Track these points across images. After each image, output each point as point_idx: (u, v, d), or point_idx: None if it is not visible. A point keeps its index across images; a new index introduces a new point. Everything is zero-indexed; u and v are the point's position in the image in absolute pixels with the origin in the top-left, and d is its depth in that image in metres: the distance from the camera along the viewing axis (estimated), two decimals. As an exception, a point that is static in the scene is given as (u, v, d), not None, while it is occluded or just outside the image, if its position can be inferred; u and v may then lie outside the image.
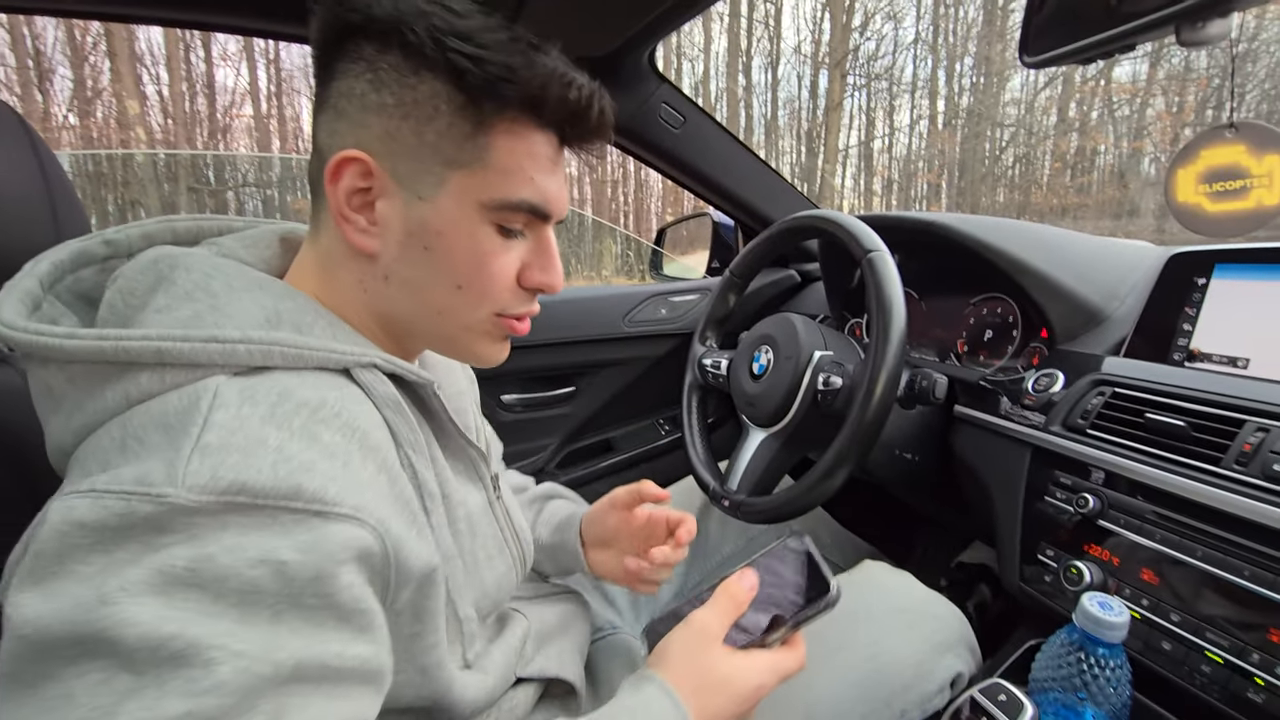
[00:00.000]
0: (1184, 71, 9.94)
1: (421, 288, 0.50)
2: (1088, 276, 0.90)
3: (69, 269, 0.49)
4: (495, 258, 0.50)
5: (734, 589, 0.54)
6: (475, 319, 0.52)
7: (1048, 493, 0.78)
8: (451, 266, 0.49)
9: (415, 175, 0.47)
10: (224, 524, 0.35)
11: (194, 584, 0.34)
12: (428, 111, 0.46)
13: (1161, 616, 0.64)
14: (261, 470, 0.36)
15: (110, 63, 9.29)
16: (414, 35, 0.44)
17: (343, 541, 0.38)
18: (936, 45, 12.49)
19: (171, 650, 0.32)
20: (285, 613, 0.36)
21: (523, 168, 0.48)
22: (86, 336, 0.40)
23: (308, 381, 0.43)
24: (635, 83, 1.21)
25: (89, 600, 0.32)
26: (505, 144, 0.47)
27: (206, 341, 0.40)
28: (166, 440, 0.37)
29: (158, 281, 0.45)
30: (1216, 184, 0.56)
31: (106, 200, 7.56)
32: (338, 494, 0.39)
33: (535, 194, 0.49)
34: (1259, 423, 0.63)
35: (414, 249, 0.49)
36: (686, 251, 1.88)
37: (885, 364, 0.76)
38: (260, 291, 0.46)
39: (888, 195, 13.25)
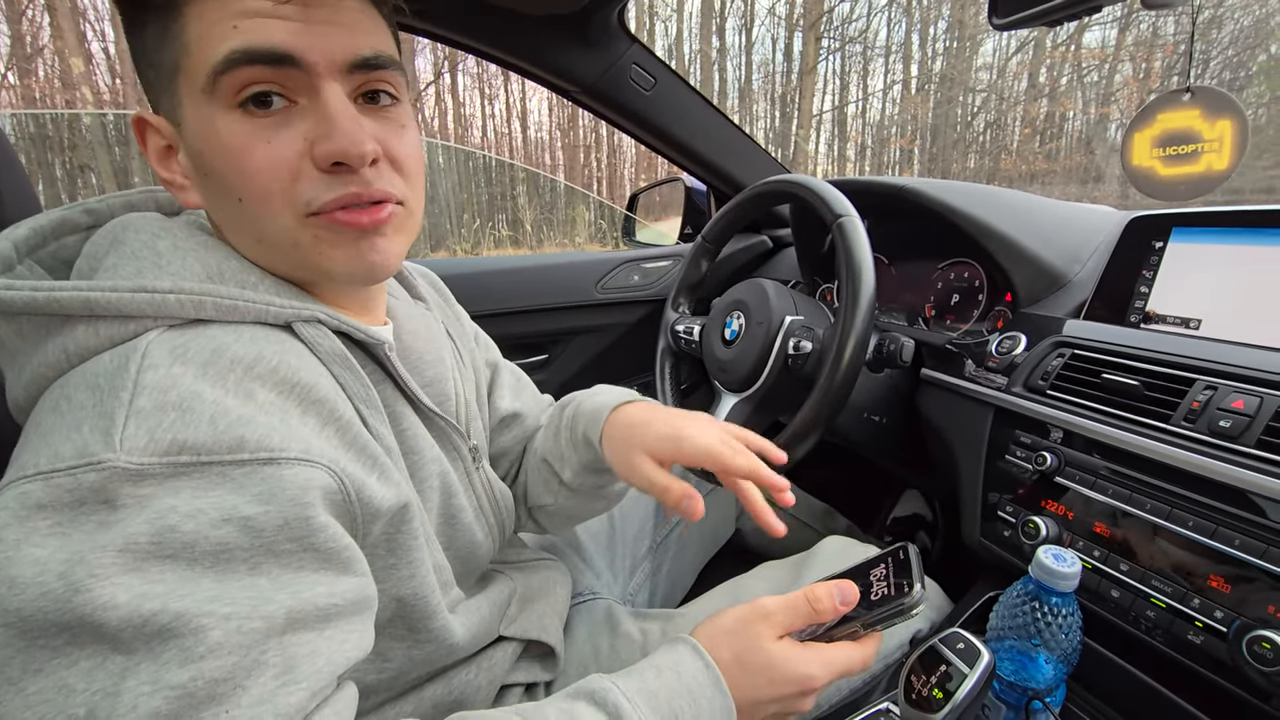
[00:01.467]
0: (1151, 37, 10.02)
1: (229, 221, 0.46)
2: (1051, 241, 0.92)
3: (51, 236, 0.48)
4: (249, 146, 0.42)
5: (818, 596, 0.49)
6: (284, 230, 0.44)
7: (1008, 452, 0.80)
8: (222, 180, 0.43)
9: (169, 107, 0.44)
10: (174, 489, 0.35)
11: (164, 556, 0.34)
12: (140, 37, 0.43)
13: (1111, 567, 0.67)
14: (199, 426, 0.36)
15: (50, 17, 8.76)
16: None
17: (301, 484, 0.38)
18: (910, 8, 12.38)
19: (158, 625, 0.32)
20: (263, 564, 0.36)
21: (223, 23, 0.41)
22: (23, 289, 0.40)
23: (244, 336, 0.42)
24: (605, 42, 1.18)
25: (60, 590, 0.32)
26: (198, 14, 0.41)
27: (135, 291, 0.40)
28: (95, 402, 0.36)
29: (113, 243, 0.44)
30: (1170, 148, 0.57)
31: (54, 165, 7.21)
32: (282, 441, 0.38)
33: (245, 40, 0.40)
34: (1207, 381, 0.65)
35: (201, 182, 0.45)
36: (659, 217, 1.86)
37: (854, 328, 0.77)
38: (206, 251, 0.45)
39: (861, 161, 13.25)
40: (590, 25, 1.13)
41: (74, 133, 7.49)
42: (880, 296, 1.18)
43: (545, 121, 12.87)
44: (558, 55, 1.17)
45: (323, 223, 0.45)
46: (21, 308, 0.40)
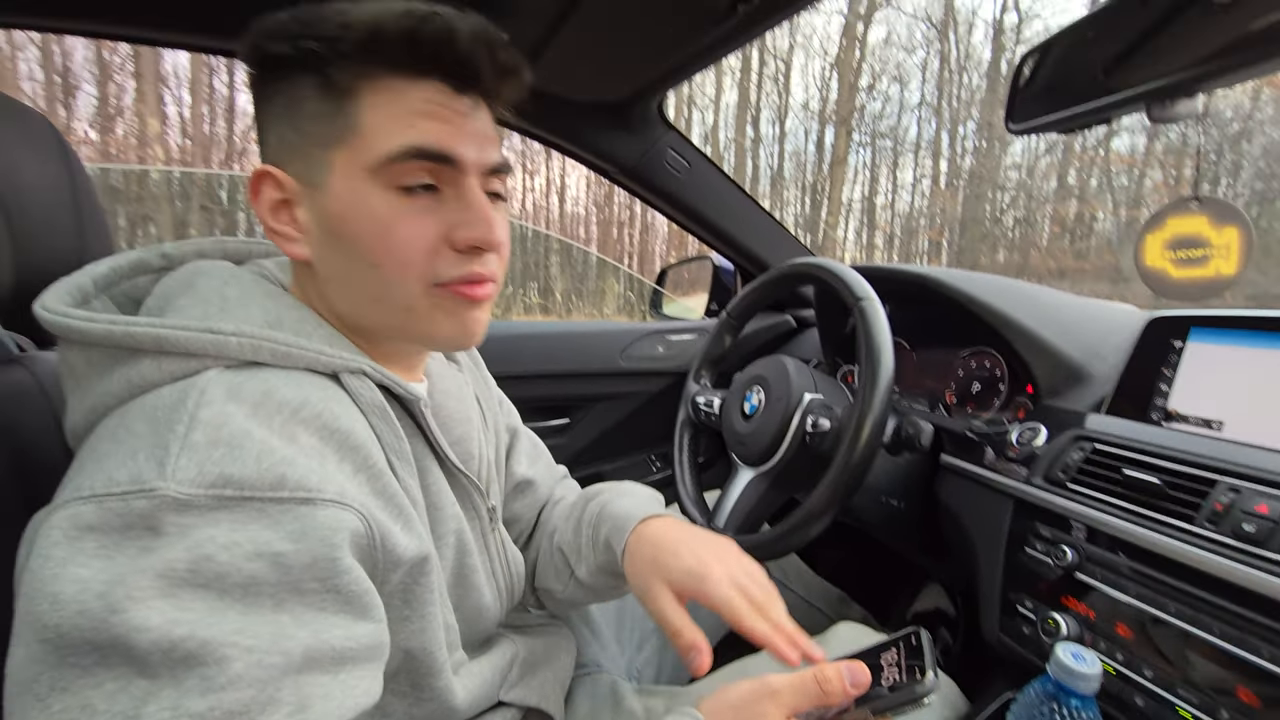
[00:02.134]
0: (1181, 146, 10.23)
1: (348, 280, 0.50)
2: (1071, 335, 0.93)
3: (127, 275, 0.53)
4: (400, 222, 0.47)
5: (828, 677, 0.47)
6: (408, 296, 0.49)
7: (1028, 544, 0.79)
8: (361, 247, 0.48)
9: (309, 169, 0.48)
10: (215, 520, 0.36)
11: (198, 584, 0.35)
12: (298, 105, 0.47)
13: (1135, 671, 0.64)
14: (246, 463, 0.38)
15: (135, 83, 9.53)
16: (272, 43, 0.46)
17: (332, 525, 0.40)
18: (940, 108, 12.87)
19: (185, 651, 0.34)
20: (287, 600, 0.38)
21: (399, 119, 0.46)
22: (102, 321, 0.43)
23: (293, 381, 0.44)
24: (645, 128, 1.26)
25: (98, 609, 0.33)
26: (372, 103, 0.46)
27: (201, 331, 0.43)
28: (152, 433, 0.39)
29: (185, 287, 0.48)
30: (1181, 251, 0.59)
31: (119, 215, 7.66)
32: (319, 483, 0.40)
33: (420, 137, 0.46)
34: (1230, 483, 0.64)
35: (329, 242, 0.49)
36: (687, 293, 1.91)
37: (872, 408, 0.77)
38: (269, 300, 0.49)
39: (889, 250, 13.46)
40: (632, 112, 1.21)
41: (141, 186, 7.99)
42: (900, 380, 1.19)
43: (582, 197, 13.40)
44: (600, 138, 1.24)
45: (446, 293, 0.50)
46: (98, 339, 0.43)
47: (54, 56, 9.05)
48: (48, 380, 0.64)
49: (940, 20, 12.52)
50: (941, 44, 12.63)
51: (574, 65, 1.04)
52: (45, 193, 0.60)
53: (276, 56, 0.46)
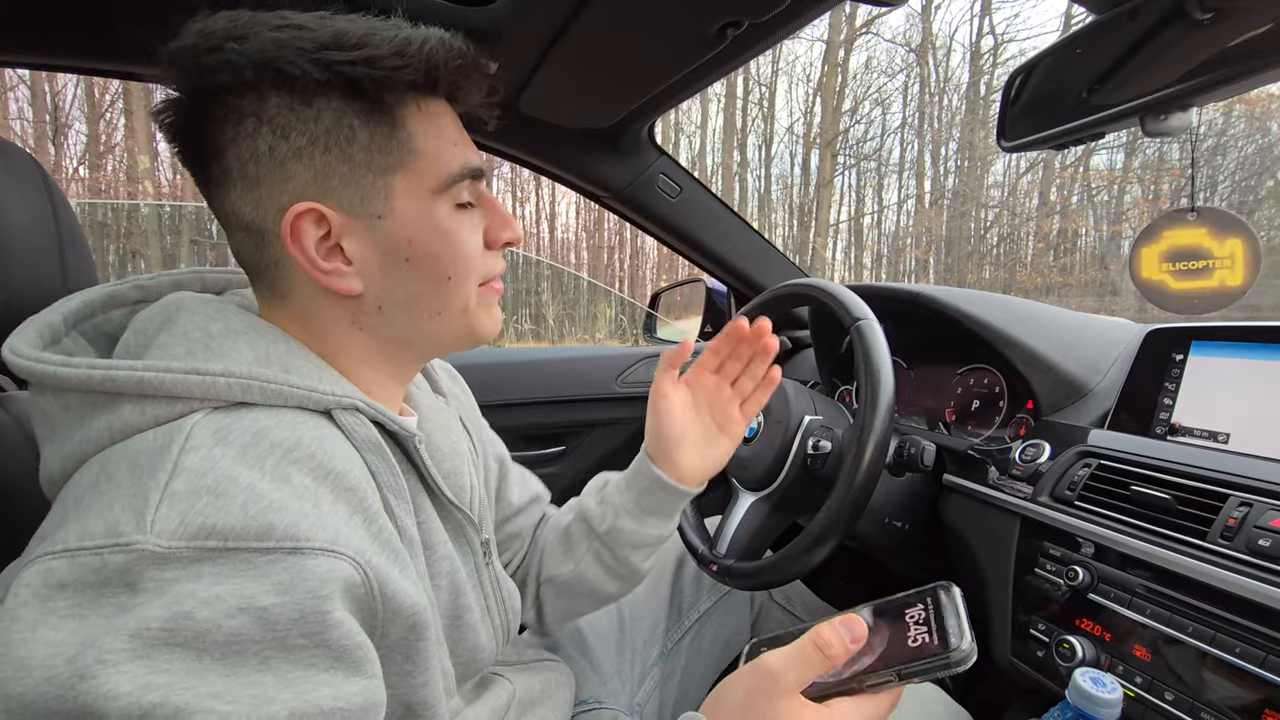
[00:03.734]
0: (1158, 162, 10.43)
1: (416, 299, 0.51)
2: (1070, 350, 0.92)
3: (99, 309, 0.50)
4: (464, 234, 0.51)
5: (827, 640, 0.43)
6: (467, 300, 0.53)
7: (1038, 564, 0.77)
8: (435, 265, 0.50)
9: (364, 199, 0.47)
10: (197, 574, 0.34)
11: (175, 644, 0.33)
12: (344, 133, 0.45)
13: (1156, 695, 0.63)
14: (231, 511, 0.36)
15: (126, 119, 9.58)
16: (291, 66, 0.42)
17: (322, 576, 0.37)
18: (922, 130, 13.10)
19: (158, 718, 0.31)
20: (273, 659, 0.35)
21: (444, 140, 0.49)
22: (80, 365, 0.41)
23: (285, 420, 0.42)
24: (634, 153, 1.27)
25: (66, 675, 0.31)
26: (421, 128, 0.48)
27: (188, 373, 0.41)
28: (133, 481, 0.37)
29: (165, 322, 0.46)
30: (1179, 263, 0.59)
31: (108, 251, 7.65)
32: (309, 530, 0.38)
33: (466, 157, 0.51)
34: (1241, 497, 0.63)
35: (396, 268, 0.49)
36: (680, 316, 1.91)
37: (874, 429, 0.76)
38: (256, 335, 0.46)
39: (877, 269, 13.58)
40: (622, 138, 1.22)
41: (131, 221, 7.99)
42: (899, 400, 1.18)
43: (572, 223, 13.50)
44: (591, 164, 1.25)
45: (487, 290, 0.55)
46: (76, 385, 0.41)
47: (44, 96, 9.10)
48: (28, 421, 0.62)
49: (919, 45, 12.82)
50: (921, 68, 12.91)
51: (564, 92, 1.05)
52: (28, 229, 0.58)
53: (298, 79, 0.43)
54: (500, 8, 0.85)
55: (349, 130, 0.45)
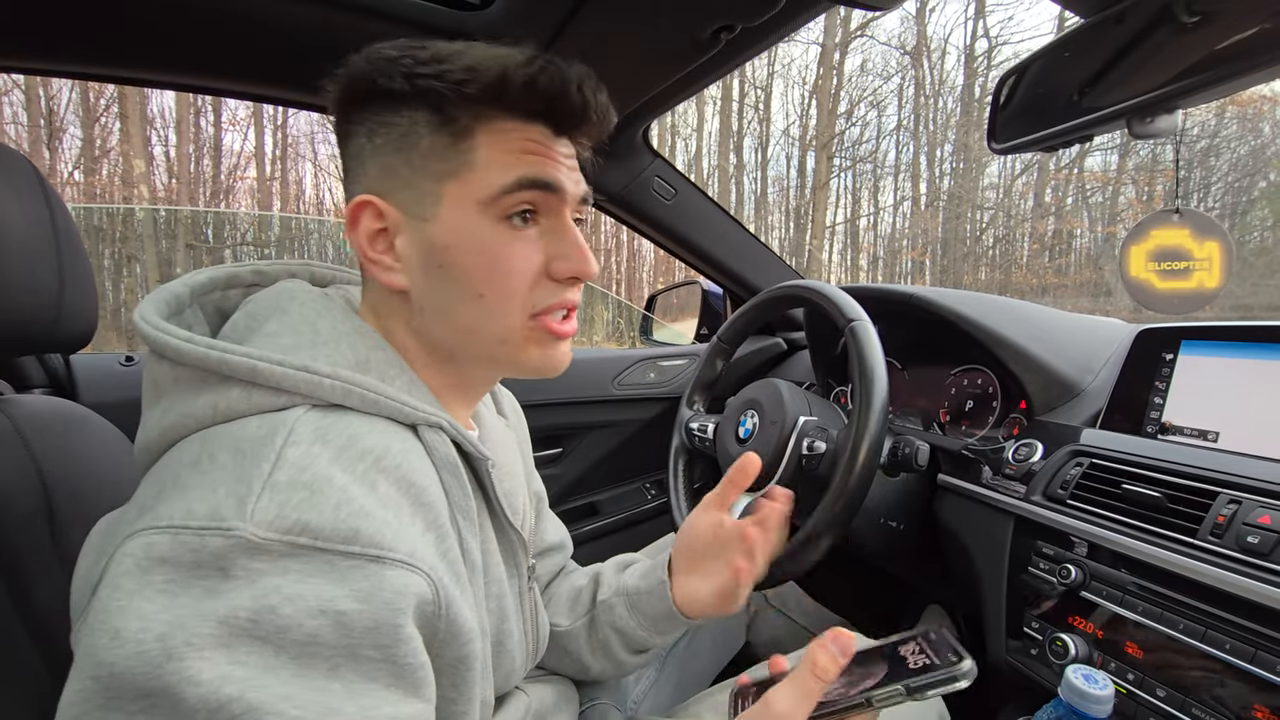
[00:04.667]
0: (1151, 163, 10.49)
1: (448, 309, 0.50)
2: (1062, 350, 0.93)
3: (220, 286, 0.53)
4: (509, 252, 0.49)
5: (819, 663, 0.45)
6: (508, 327, 0.50)
7: (1031, 563, 0.78)
8: (468, 277, 0.49)
9: (416, 201, 0.49)
10: (284, 569, 0.35)
11: (257, 636, 0.34)
12: (412, 139, 0.48)
13: (1147, 691, 0.63)
14: (324, 510, 0.37)
15: (121, 124, 9.56)
16: (384, 79, 0.47)
17: (399, 588, 0.38)
18: (918, 132, 13.14)
19: (229, 714, 0.32)
20: (342, 666, 0.36)
21: (509, 154, 0.48)
22: (199, 344, 0.43)
23: (377, 429, 0.44)
24: (630, 156, 1.27)
25: (155, 652, 0.32)
26: (487, 141, 0.48)
27: (298, 369, 0.43)
28: (237, 467, 0.38)
29: (275, 310, 0.48)
30: (1164, 263, 0.59)
31: (103, 255, 7.62)
32: (392, 540, 0.39)
33: (528, 170, 0.48)
34: (1231, 495, 0.64)
35: (432, 272, 0.49)
36: (676, 318, 1.91)
37: (868, 429, 0.77)
38: (358, 337, 0.48)
39: (874, 270, 13.61)
40: (617, 141, 1.22)
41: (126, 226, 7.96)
42: (894, 400, 1.18)
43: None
44: (586, 167, 1.25)
45: (540, 326, 0.51)
46: (192, 361, 0.43)
47: (39, 100, 9.08)
48: (25, 425, 0.62)
49: (914, 48, 12.86)
50: (916, 71, 12.95)
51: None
52: (26, 233, 0.59)
53: (392, 91, 0.47)
54: (495, 12, 0.86)
55: (416, 136, 0.48)
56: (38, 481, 0.60)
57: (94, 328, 0.66)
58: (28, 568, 0.58)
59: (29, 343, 0.61)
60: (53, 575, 0.59)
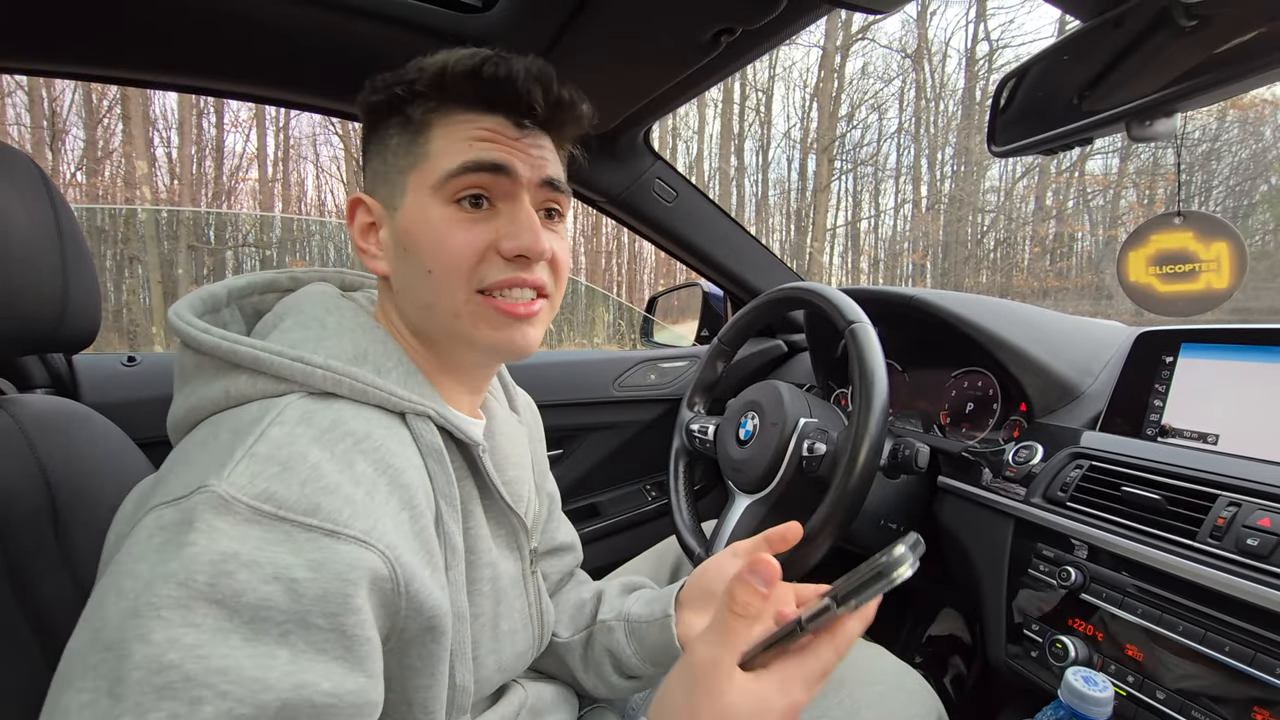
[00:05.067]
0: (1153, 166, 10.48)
1: (409, 286, 0.54)
2: (1062, 353, 0.93)
3: (259, 290, 0.59)
4: (453, 231, 0.52)
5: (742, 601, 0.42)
6: (456, 302, 0.53)
7: (1031, 565, 0.78)
8: (419, 255, 0.52)
9: (390, 195, 0.54)
10: (244, 536, 0.38)
11: (213, 599, 0.36)
12: (385, 140, 0.55)
13: (1147, 694, 0.63)
14: (291, 485, 0.40)
15: (123, 125, 9.58)
16: (371, 94, 0.54)
17: (349, 562, 0.40)
18: (919, 135, 13.14)
19: (164, 680, 0.34)
20: (292, 634, 0.38)
21: (461, 142, 0.52)
22: (214, 334, 0.49)
23: (363, 415, 0.48)
24: (631, 159, 1.28)
25: (129, 608, 0.35)
26: (442, 133, 0.52)
27: (294, 360, 0.47)
28: (229, 442, 0.42)
29: (293, 309, 0.53)
30: (1166, 266, 0.59)
31: (105, 256, 7.64)
32: (350, 517, 0.41)
33: (475, 154, 0.51)
34: (1230, 497, 0.64)
35: (399, 255, 0.54)
36: (677, 320, 1.91)
37: (868, 431, 0.77)
38: (360, 333, 0.53)
39: (874, 273, 13.61)
40: (618, 144, 1.23)
41: (129, 227, 7.98)
42: (894, 402, 1.18)
43: (570, 227, 13.48)
44: (587, 169, 1.25)
45: (486, 305, 0.53)
46: (207, 350, 0.48)
47: (42, 102, 9.10)
48: (28, 424, 0.63)
49: (914, 51, 12.88)
50: (916, 74, 12.96)
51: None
52: (30, 233, 0.59)
53: (374, 104, 0.54)
54: (496, 14, 0.86)
55: (387, 137, 0.54)
56: (41, 480, 0.60)
57: (97, 328, 0.67)
58: (31, 566, 0.58)
59: (32, 342, 0.61)
60: (56, 573, 0.59)
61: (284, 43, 0.90)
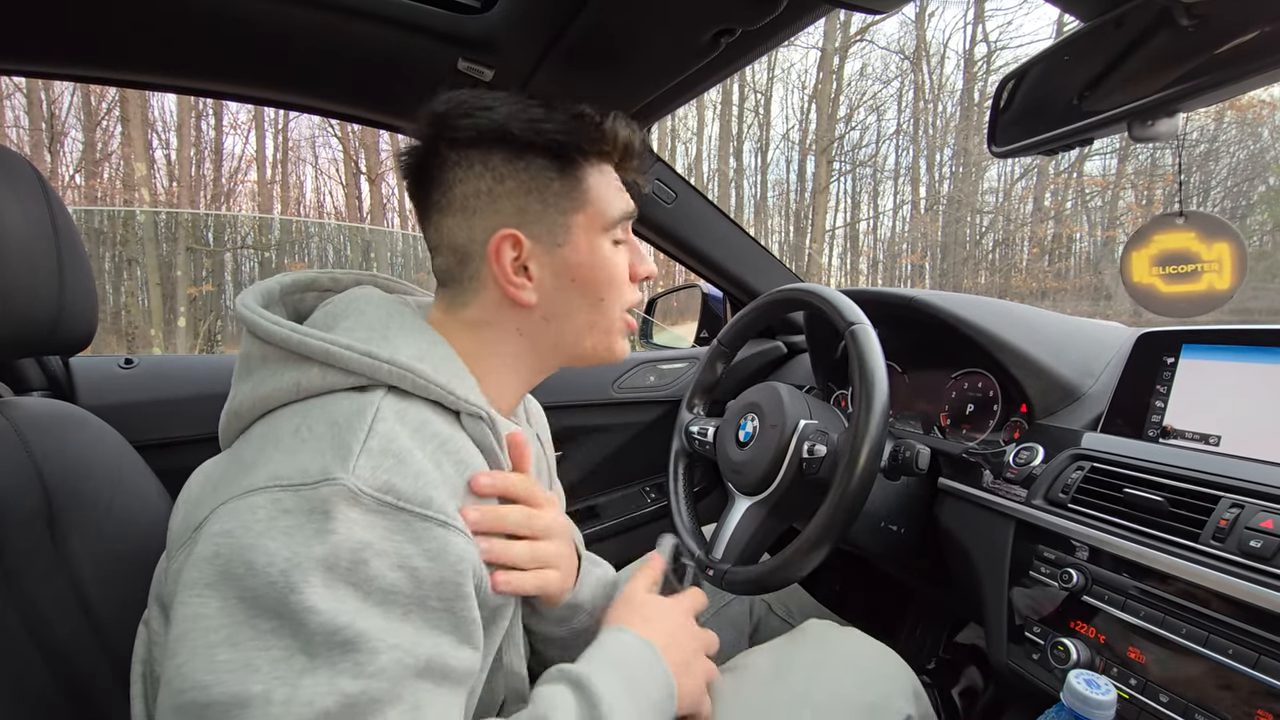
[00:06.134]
0: (1151, 167, 10.49)
1: (574, 313, 0.62)
2: (1062, 354, 0.93)
3: (300, 289, 0.63)
4: (620, 265, 0.63)
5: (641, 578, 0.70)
6: (615, 320, 0.64)
7: (1032, 567, 0.78)
8: (595, 287, 0.62)
9: (549, 231, 0.60)
10: (372, 525, 0.43)
11: (351, 582, 0.41)
12: (542, 182, 0.59)
13: (1150, 697, 0.63)
14: (406, 477, 0.45)
15: (122, 127, 9.57)
16: (515, 133, 0.57)
17: (459, 552, 0.46)
18: (917, 137, 13.15)
19: (344, 638, 0.40)
20: (413, 613, 0.44)
21: (610, 191, 0.62)
22: (284, 326, 0.52)
23: (440, 417, 0.52)
24: (630, 160, 1.27)
25: (281, 585, 0.40)
26: (596, 181, 0.61)
27: (363, 355, 0.51)
28: (335, 435, 0.46)
29: (353, 310, 0.57)
30: (1169, 267, 0.59)
31: (104, 258, 7.62)
32: (455, 512, 0.48)
33: (627, 204, 0.64)
34: (1233, 499, 0.64)
35: (564, 286, 0.61)
36: (676, 321, 1.91)
37: (869, 432, 0.77)
38: (420, 335, 0.57)
39: (873, 274, 13.61)
40: (617, 145, 1.22)
41: (127, 229, 7.97)
42: (894, 404, 1.18)
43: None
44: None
45: (625, 321, 0.66)
46: (278, 341, 0.52)
47: (40, 104, 9.09)
48: (25, 427, 0.62)
49: (913, 52, 12.89)
50: (915, 75, 12.97)
51: (559, 100, 1.05)
52: (26, 236, 0.59)
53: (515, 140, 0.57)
54: (495, 15, 0.86)
55: (547, 180, 0.59)
56: (37, 483, 0.60)
57: (94, 330, 0.66)
58: (27, 569, 0.57)
59: (28, 345, 0.61)
60: (52, 576, 0.59)
61: (283, 44, 0.90)
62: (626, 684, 0.55)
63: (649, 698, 0.56)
